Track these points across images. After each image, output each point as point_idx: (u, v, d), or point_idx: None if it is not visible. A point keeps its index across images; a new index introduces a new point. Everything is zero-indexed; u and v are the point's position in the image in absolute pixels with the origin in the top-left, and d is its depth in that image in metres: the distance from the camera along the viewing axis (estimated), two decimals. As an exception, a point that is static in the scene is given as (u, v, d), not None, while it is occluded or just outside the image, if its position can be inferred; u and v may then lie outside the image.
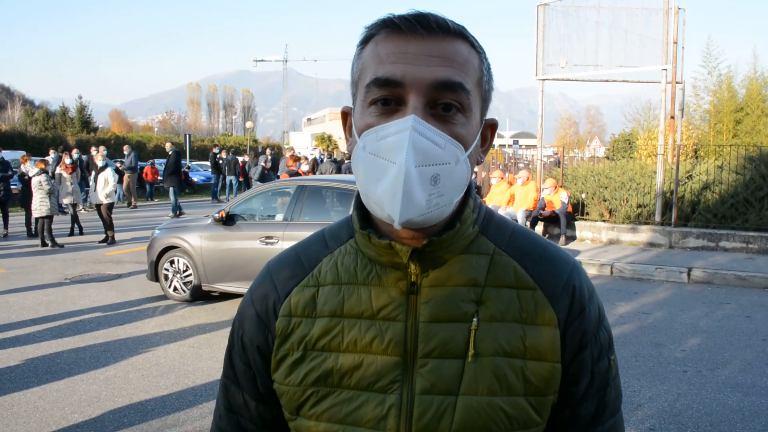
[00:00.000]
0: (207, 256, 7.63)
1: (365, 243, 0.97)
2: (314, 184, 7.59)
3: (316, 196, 7.45)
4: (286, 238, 7.08)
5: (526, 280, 0.96)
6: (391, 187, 0.83)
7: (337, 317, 0.96)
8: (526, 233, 1.03)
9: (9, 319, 7.02)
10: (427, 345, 0.92)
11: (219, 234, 7.62)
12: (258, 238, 7.30)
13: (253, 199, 7.96)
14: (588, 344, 0.97)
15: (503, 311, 0.93)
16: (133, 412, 4.54)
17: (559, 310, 0.95)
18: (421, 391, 0.91)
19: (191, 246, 7.74)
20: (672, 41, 11.67)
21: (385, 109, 0.88)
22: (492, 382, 0.91)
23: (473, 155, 0.92)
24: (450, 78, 0.86)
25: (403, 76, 0.86)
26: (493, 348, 0.92)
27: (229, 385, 1.07)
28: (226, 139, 58.18)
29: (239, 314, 1.07)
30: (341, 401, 0.94)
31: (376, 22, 0.92)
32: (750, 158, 12.45)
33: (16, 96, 74.42)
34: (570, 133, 66.89)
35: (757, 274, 8.99)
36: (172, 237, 7.97)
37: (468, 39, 0.91)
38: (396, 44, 0.88)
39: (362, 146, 0.88)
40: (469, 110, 0.90)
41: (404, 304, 0.94)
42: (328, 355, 0.95)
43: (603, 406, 0.99)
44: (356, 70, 0.94)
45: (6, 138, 32.10)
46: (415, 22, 0.87)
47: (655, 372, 5.37)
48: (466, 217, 0.96)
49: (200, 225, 7.90)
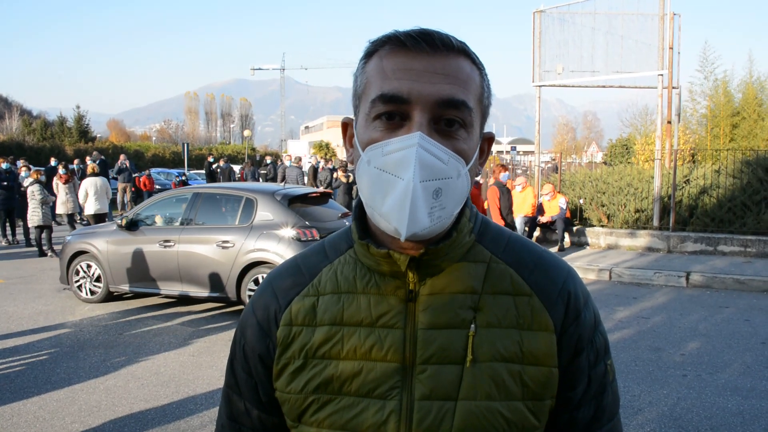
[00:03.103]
0: (113, 259, 8.16)
1: (364, 253, 0.99)
2: (208, 191, 8.25)
3: (210, 202, 8.02)
4: (182, 241, 7.73)
5: (522, 286, 0.97)
6: (399, 202, 0.85)
7: (337, 325, 0.97)
8: (522, 242, 1.04)
9: (8, 329, 7.01)
10: (425, 351, 0.93)
11: (123, 239, 8.17)
12: (157, 241, 7.88)
13: (155, 205, 8.46)
14: (584, 349, 0.98)
15: (500, 317, 0.95)
16: (134, 422, 4.53)
17: (555, 316, 0.97)
18: (421, 397, 0.92)
19: (98, 251, 8.26)
20: (668, 46, 11.74)
21: (390, 124, 0.90)
22: (490, 387, 0.92)
23: (473, 169, 0.94)
24: (454, 96, 0.89)
25: (408, 92, 0.88)
26: (490, 353, 0.93)
27: (231, 395, 1.08)
28: (224, 147, 58.25)
29: (241, 324, 1.08)
30: (342, 408, 0.95)
31: (381, 37, 0.93)
32: (747, 162, 12.50)
33: (13, 106, 74.37)
34: (567, 138, 67.08)
35: (755, 277, 9.01)
36: (82, 242, 8.46)
37: (470, 56, 0.93)
38: (401, 60, 0.90)
39: (367, 160, 0.90)
40: (471, 126, 0.92)
41: (403, 311, 0.95)
42: (328, 362, 0.96)
43: (601, 410, 1.01)
44: (360, 83, 0.95)
45: (4, 148, 32.08)
46: (420, 39, 0.89)
47: (655, 376, 5.38)
48: (462, 227, 0.98)
49: (107, 231, 8.48)
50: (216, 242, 7.50)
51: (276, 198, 7.56)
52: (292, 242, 7.19)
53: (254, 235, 7.34)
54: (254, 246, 7.29)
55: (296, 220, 7.36)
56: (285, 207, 7.48)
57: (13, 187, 13.89)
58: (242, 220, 7.53)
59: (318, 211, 7.92)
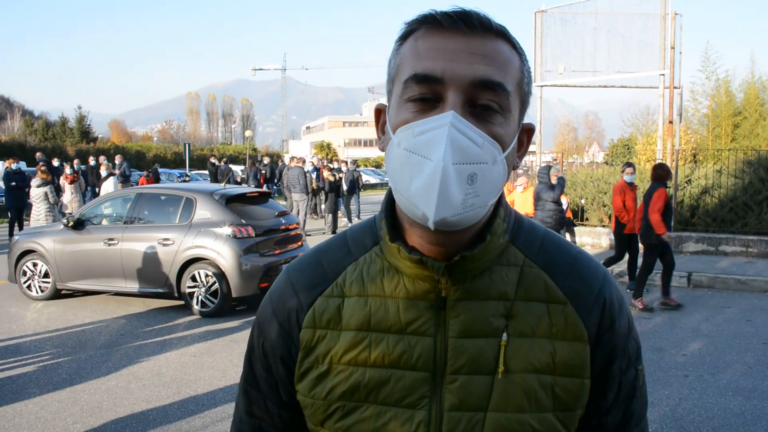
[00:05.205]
0: (59, 258, 8.37)
1: (393, 253, 0.94)
2: (151, 192, 8.60)
3: (152, 201, 8.33)
4: (125, 239, 8.02)
5: (556, 293, 0.94)
6: (426, 184, 0.79)
7: (364, 331, 0.93)
8: (557, 241, 1.00)
9: (10, 330, 7.02)
10: (456, 361, 0.90)
11: (69, 238, 8.38)
12: (102, 240, 8.14)
13: (101, 205, 8.72)
14: (617, 357, 0.96)
15: (533, 326, 0.92)
16: (135, 422, 4.53)
17: (589, 325, 0.93)
18: (450, 408, 0.89)
19: (45, 249, 8.44)
20: (669, 46, 11.73)
21: (423, 105, 0.85)
22: (521, 399, 0.89)
23: (510, 158, 0.88)
24: (490, 77, 0.84)
25: (442, 72, 0.83)
26: (523, 364, 0.90)
27: (250, 390, 1.05)
28: (225, 148, 58.31)
29: (259, 321, 1.04)
30: (368, 416, 0.92)
31: (417, 17, 0.89)
32: (749, 162, 12.49)
33: (15, 106, 74.49)
34: (569, 138, 67.08)
35: (757, 277, 9.00)
36: (29, 242, 8.65)
37: (510, 40, 0.89)
38: (436, 40, 0.85)
39: (397, 142, 0.85)
40: (508, 111, 0.87)
41: (433, 318, 0.91)
42: (354, 369, 0.93)
43: (629, 415, 0.99)
44: (393, 66, 0.91)
45: (6, 148, 32.18)
46: (458, 18, 0.85)
47: (657, 377, 5.37)
48: (496, 228, 0.93)
49: (54, 230, 8.68)
50: (157, 240, 7.84)
51: (214, 198, 7.96)
52: (228, 239, 7.60)
53: (193, 233, 7.72)
54: (193, 243, 7.67)
55: (233, 219, 7.73)
56: (222, 206, 7.86)
57: (22, 187, 14.06)
58: (182, 218, 7.91)
59: (255, 210, 8.30)
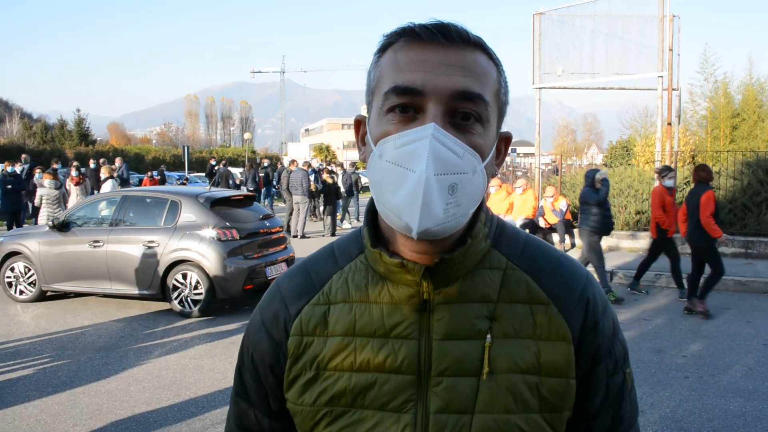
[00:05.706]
0: (45, 260, 8.41)
1: (376, 260, 0.95)
2: (136, 194, 8.67)
3: (138, 204, 8.39)
4: (110, 241, 8.04)
5: (539, 295, 0.94)
6: (410, 195, 0.81)
7: (349, 336, 0.94)
8: (539, 245, 1.01)
9: (10, 332, 7.01)
10: (441, 363, 0.91)
11: (55, 240, 8.42)
12: (87, 242, 8.17)
13: (86, 207, 8.77)
14: (602, 359, 0.96)
15: (517, 327, 0.92)
16: (135, 425, 4.53)
17: (573, 326, 0.94)
18: (436, 410, 0.90)
19: (31, 251, 8.49)
20: (668, 48, 11.75)
21: (403, 116, 0.86)
22: (507, 400, 0.90)
23: (489, 167, 0.90)
24: (470, 88, 0.86)
25: (423, 84, 0.85)
26: (507, 365, 0.91)
27: (240, 402, 1.06)
28: (224, 150, 58.32)
29: (249, 332, 1.05)
30: (355, 421, 0.93)
31: (395, 30, 0.90)
32: (747, 163, 12.51)
33: (14, 109, 74.49)
34: (567, 140, 67.12)
35: (756, 278, 9.01)
36: (15, 243, 8.71)
37: (486, 51, 0.90)
38: (415, 53, 0.87)
39: (379, 154, 0.86)
40: (487, 121, 0.88)
41: (417, 321, 0.92)
42: (341, 374, 0.94)
43: (618, 419, 0.99)
44: (373, 78, 0.92)
45: (5, 151, 32.16)
46: (436, 31, 0.86)
47: (657, 378, 5.37)
48: (477, 232, 0.94)
49: (39, 232, 8.73)
50: (142, 242, 7.86)
51: (199, 200, 8.01)
52: (212, 242, 7.65)
53: (178, 236, 7.76)
54: (177, 245, 7.70)
55: (217, 222, 7.79)
56: (207, 209, 7.91)
57: (19, 190, 13.97)
58: (167, 221, 7.95)
59: (240, 213, 8.35)
